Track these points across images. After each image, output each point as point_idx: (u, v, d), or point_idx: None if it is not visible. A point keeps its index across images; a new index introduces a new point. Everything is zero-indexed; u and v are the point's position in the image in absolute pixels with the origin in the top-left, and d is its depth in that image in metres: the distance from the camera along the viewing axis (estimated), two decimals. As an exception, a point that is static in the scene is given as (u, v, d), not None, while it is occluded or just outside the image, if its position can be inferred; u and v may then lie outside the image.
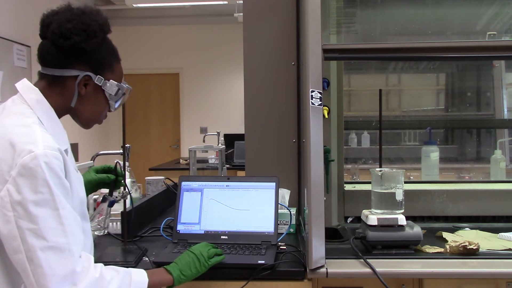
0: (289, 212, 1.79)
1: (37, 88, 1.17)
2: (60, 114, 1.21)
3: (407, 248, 1.55)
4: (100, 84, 1.21)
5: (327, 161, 1.76)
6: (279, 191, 1.77)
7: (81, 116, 1.24)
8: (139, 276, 1.18)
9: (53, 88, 1.19)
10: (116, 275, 1.13)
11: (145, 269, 1.23)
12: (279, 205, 1.69)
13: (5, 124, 1.10)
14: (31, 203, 1.02)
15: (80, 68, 1.19)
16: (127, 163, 1.85)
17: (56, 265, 1.02)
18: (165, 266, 1.29)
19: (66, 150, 1.15)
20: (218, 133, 5.27)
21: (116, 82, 1.24)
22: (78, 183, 1.20)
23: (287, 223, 1.79)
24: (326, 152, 1.71)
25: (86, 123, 1.28)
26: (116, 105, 1.28)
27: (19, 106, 1.14)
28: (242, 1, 2.08)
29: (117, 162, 1.52)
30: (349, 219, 2.02)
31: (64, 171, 1.10)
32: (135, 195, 2.15)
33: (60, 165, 1.07)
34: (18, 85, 1.18)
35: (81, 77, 1.19)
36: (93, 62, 1.20)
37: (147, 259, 1.53)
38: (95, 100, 1.24)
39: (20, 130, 1.08)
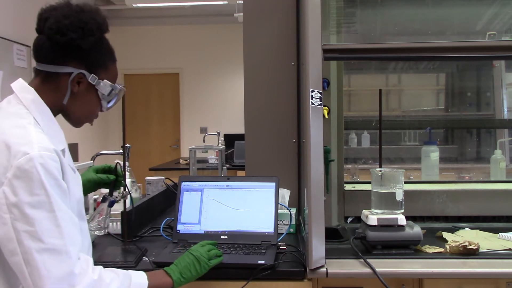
0: (289, 212, 1.79)
1: (32, 88, 1.17)
2: (54, 113, 1.20)
3: (407, 248, 1.55)
4: (93, 83, 1.21)
5: (327, 161, 1.76)
6: (279, 191, 1.77)
7: (72, 114, 1.24)
8: (139, 279, 1.18)
9: (47, 85, 1.18)
10: (115, 277, 1.13)
11: (144, 271, 1.22)
12: (279, 205, 1.69)
13: (0, 125, 1.10)
14: (27, 205, 1.01)
15: (75, 66, 1.18)
16: (127, 163, 1.85)
17: (53, 267, 1.02)
18: (165, 268, 1.28)
19: (63, 150, 1.15)
20: (218, 133, 5.27)
21: (109, 82, 1.24)
22: (75, 183, 1.19)
23: (287, 223, 1.79)
24: (326, 152, 1.71)
25: (76, 122, 1.27)
26: (108, 105, 1.27)
27: (14, 106, 1.14)
28: (242, 1, 2.08)
29: (118, 162, 1.52)
30: (349, 219, 2.02)
31: (61, 172, 1.09)
32: (135, 195, 2.15)
33: (57, 166, 1.07)
34: (14, 85, 1.18)
35: (74, 75, 1.18)
36: (88, 61, 1.19)
37: (147, 259, 1.53)
38: (87, 99, 1.23)
39: (16, 131, 1.08)
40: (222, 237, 1.64)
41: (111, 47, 1.27)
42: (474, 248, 1.50)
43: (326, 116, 1.61)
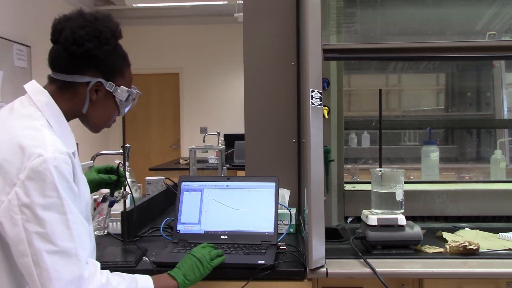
0: (289, 212, 1.79)
1: (46, 91, 1.17)
2: (68, 118, 1.21)
3: (407, 248, 1.55)
4: (111, 90, 1.22)
5: (327, 161, 1.76)
6: (279, 191, 1.77)
7: (91, 121, 1.25)
8: (145, 282, 1.19)
9: (63, 92, 1.19)
10: (122, 281, 1.14)
11: (145, 272, 1.23)
12: (279, 205, 1.69)
13: (13, 127, 1.10)
14: (39, 206, 1.01)
15: (92, 74, 1.19)
16: (127, 163, 1.85)
17: (62, 269, 1.02)
18: (168, 272, 1.29)
19: (73, 153, 1.15)
20: (218, 133, 5.27)
21: (126, 88, 1.26)
22: (85, 186, 1.21)
23: (287, 223, 1.79)
24: (326, 152, 1.71)
25: (95, 128, 1.28)
26: (126, 110, 1.30)
27: (28, 108, 1.14)
28: (242, 1, 2.08)
29: (120, 162, 1.53)
30: (349, 219, 2.02)
31: (73, 174, 1.10)
32: (135, 195, 2.15)
33: (69, 169, 1.07)
34: (27, 86, 1.18)
35: (92, 83, 1.19)
36: (105, 68, 1.21)
37: (147, 259, 1.53)
38: (106, 106, 1.25)
39: (29, 133, 1.08)
40: (222, 237, 1.64)
41: (124, 52, 1.28)
42: (474, 248, 1.50)
43: (326, 116, 1.61)
